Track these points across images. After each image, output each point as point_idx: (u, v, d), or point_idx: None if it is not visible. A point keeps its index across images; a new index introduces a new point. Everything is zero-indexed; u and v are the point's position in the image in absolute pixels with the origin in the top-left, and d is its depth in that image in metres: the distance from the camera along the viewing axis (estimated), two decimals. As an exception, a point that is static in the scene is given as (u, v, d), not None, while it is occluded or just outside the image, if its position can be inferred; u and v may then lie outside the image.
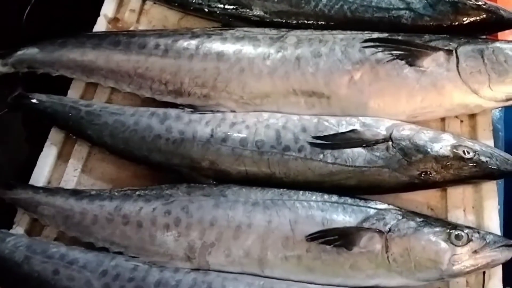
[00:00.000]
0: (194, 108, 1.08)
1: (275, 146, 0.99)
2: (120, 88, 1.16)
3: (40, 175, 1.13)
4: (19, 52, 1.21)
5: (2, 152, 1.18)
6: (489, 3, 1.07)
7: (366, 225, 0.89)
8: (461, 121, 1.04)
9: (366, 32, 1.05)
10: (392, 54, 1.00)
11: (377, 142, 0.95)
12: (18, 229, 1.08)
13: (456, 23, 1.06)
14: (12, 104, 1.20)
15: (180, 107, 1.09)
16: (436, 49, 1.00)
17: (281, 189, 0.96)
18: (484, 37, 1.08)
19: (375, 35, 1.04)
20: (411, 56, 0.99)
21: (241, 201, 0.95)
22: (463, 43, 1.00)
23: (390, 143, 0.95)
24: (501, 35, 1.12)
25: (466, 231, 0.88)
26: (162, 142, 1.05)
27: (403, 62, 0.99)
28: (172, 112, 1.09)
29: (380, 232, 0.88)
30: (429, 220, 0.91)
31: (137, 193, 1.02)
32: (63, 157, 1.15)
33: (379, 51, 1.00)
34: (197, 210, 0.96)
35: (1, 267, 1.01)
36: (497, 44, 1.02)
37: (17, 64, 1.21)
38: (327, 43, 1.04)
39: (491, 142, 1.00)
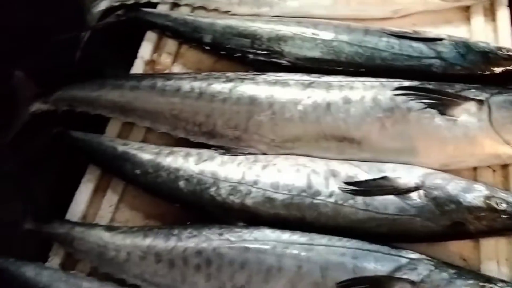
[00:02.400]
0: (227, 150, 1.11)
1: (305, 190, 1.00)
2: (155, 128, 1.20)
3: (76, 210, 1.16)
4: (60, 91, 1.27)
5: (40, 187, 1.22)
6: (521, 53, 1.09)
7: (398, 274, 0.88)
8: (494, 171, 1.03)
9: (396, 80, 1.07)
10: (423, 102, 1.01)
11: (409, 190, 0.96)
12: (53, 263, 1.12)
13: (487, 72, 1.08)
14: (51, 141, 1.25)
15: (213, 148, 1.13)
16: (467, 99, 1.00)
17: (312, 234, 0.97)
18: (516, 87, 1.09)
19: (406, 83, 1.05)
20: (442, 105, 1.00)
21: (271, 244, 0.96)
22: (495, 94, 1.01)
23: (422, 192, 0.95)
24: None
25: (499, 284, 0.86)
26: (194, 182, 1.08)
27: (434, 111, 1.00)
28: (205, 153, 1.12)
29: (412, 282, 0.87)
30: (462, 272, 0.89)
31: (170, 231, 1.04)
32: (99, 193, 1.19)
33: (410, 99, 1.02)
34: (228, 252, 0.97)
35: (36, 301, 1.04)
36: (529, 95, 1.02)
37: (57, 102, 1.27)
38: (357, 90, 1.06)
39: (524, 193, 1.00)
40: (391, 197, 0.96)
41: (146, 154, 1.14)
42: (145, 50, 1.32)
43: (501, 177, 1.03)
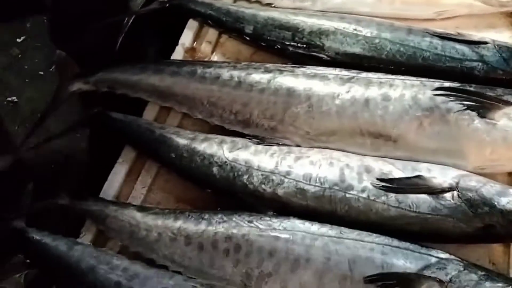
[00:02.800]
0: (261, 139, 1.13)
1: (338, 184, 1.01)
2: (192, 114, 1.22)
3: (110, 189, 1.19)
4: (101, 73, 1.29)
5: (76, 165, 1.25)
6: None
7: (426, 273, 0.88)
8: (529, 178, 1.03)
9: (437, 80, 1.07)
10: (463, 104, 1.00)
11: (443, 190, 0.95)
12: (85, 239, 1.14)
13: (529, 79, 1.07)
14: (90, 120, 1.29)
15: (248, 137, 1.14)
16: (508, 103, 1.00)
17: (342, 227, 0.97)
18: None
19: (447, 84, 1.05)
20: (482, 107, 0.99)
21: (301, 235, 0.97)
22: (536, 99, 1.00)
23: (456, 193, 0.95)
24: None
25: (529, 289, 0.86)
26: (227, 169, 1.09)
27: (474, 113, 1.00)
28: (240, 141, 1.13)
29: (440, 281, 0.87)
30: (491, 274, 0.89)
31: (201, 215, 1.06)
32: (132, 174, 1.21)
33: (450, 100, 1.01)
34: (257, 239, 0.99)
35: (67, 274, 1.07)
36: None
37: (98, 84, 1.29)
38: (397, 88, 1.06)
39: (559, 201, 0.98)
40: (424, 196, 0.96)
41: (182, 138, 1.16)
42: (186, 37, 1.34)
43: (536, 184, 1.02)
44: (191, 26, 1.37)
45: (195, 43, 1.35)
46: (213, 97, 1.18)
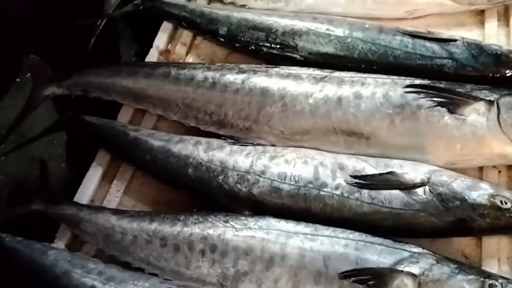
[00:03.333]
0: (236, 140, 1.13)
1: (312, 182, 1.02)
2: (167, 116, 1.22)
3: (85, 193, 1.18)
4: (75, 76, 1.28)
5: (49, 170, 1.23)
6: (532, 58, 1.09)
7: (399, 267, 0.89)
8: (499, 172, 1.04)
9: (408, 78, 1.08)
10: (433, 100, 1.02)
11: (414, 186, 0.96)
12: (60, 244, 1.13)
13: (498, 75, 1.09)
14: (63, 124, 1.28)
15: (223, 137, 1.14)
16: (477, 99, 1.01)
17: (316, 225, 0.98)
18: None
19: (418, 81, 1.06)
20: (452, 104, 1.01)
21: (276, 233, 0.97)
22: (504, 95, 1.01)
23: (428, 188, 0.96)
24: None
25: (500, 281, 0.87)
26: (203, 170, 1.09)
27: (444, 109, 1.01)
28: (215, 142, 1.13)
29: (413, 275, 0.88)
30: (463, 267, 0.90)
31: (176, 217, 1.05)
32: (107, 178, 1.21)
33: (420, 97, 1.03)
34: (233, 239, 0.98)
35: (41, 279, 1.06)
36: (538, 98, 1.03)
37: (72, 87, 1.28)
38: (369, 86, 1.07)
39: (528, 194, 1.00)
40: (396, 192, 0.97)
41: (157, 140, 1.16)
42: (161, 39, 1.35)
43: (506, 178, 1.04)
44: (165, 28, 1.37)
45: (170, 45, 1.35)
46: (188, 99, 1.18)
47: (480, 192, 0.95)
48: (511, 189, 1.01)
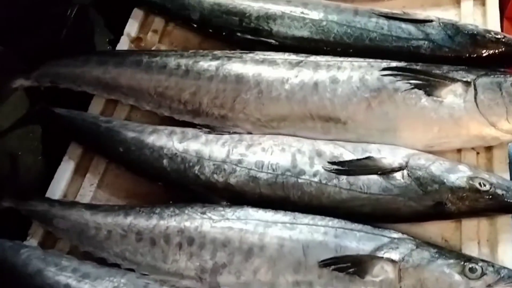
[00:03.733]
0: (212, 129, 1.10)
1: (290, 170, 1.00)
2: (139, 106, 1.18)
3: (57, 188, 1.15)
4: (43, 67, 1.24)
5: (20, 165, 1.19)
6: (508, 37, 1.08)
7: (379, 253, 0.88)
8: (478, 153, 1.03)
9: (384, 60, 1.06)
10: (410, 83, 1.00)
11: (393, 170, 0.95)
12: (32, 241, 1.10)
13: (475, 55, 1.07)
14: (33, 117, 1.23)
15: (198, 127, 1.11)
16: (454, 80, 1.00)
17: (295, 213, 0.96)
18: (503, 70, 1.08)
19: (394, 63, 1.04)
20: (429, 86, 0.99)
21: (254, 223, 0.95)
22: (481, 75, 1.00)
23: (406, 172, 0.95)
24: (519, 68, 1.12)
25: (480, 264, 0.86)
26: (178, 161, 1.06)
27: (421, 91, 0.99)
28: (190, 131, 1.10)
29: (393, 261, 0.87)
30: (443, 251, 0.90)
31: (152, 210, 1.02)
32: (80, 171, 1.17)
33: (397, 80, 1.01)
34: (210, 231, 0.96)
35: (14, 278, 1.03)
36: (516, 78, 1.02)
37: (40, 79, 1.24)
38: (345, 70, 1.05)
39: (507, 175, 0.99)
40: (375, 177, 0.95)
41: (130, 131, 1.12)
42: (131, 27, 1.30)
43: (485, 159, 1.03)
44: (136, 15, 1.32)
45: (141, 32, 1.31)
46: (161, 87, 1.14)
47: (458, 175, 0.94)
48: (490, 170, 1.00)
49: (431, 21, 1.11)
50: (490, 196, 0.92)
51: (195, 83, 1.12)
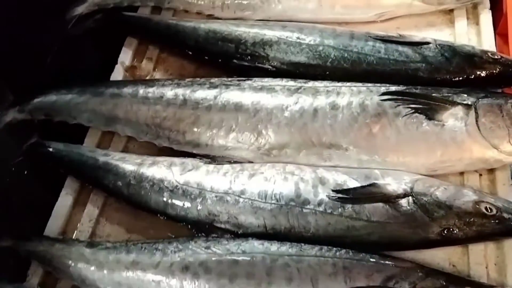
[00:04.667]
0: (212, 158, 1.08)
1: (294, 199, 0.98)
2: (137, 137, 1.16)
3: (55, 225, 1.12)
4: (37, 100, 1.22)
5: (17, 201, 1.16)
6: (505, 57, 1.08)
7: (390, 284, 0.87)
8: (480, 175, 1.03)
9: (383, 85, 1.06)
10: (410, 107, 1.00)
11: (398, 197, 0.94)
12: (32, 282, 1.07)
13: (473, 76, 1.08)
14: (28, 152, 1.20)
15: (198, 157, 1.09)
16: (455, 103, 1.00)
17: (301, 244, 0.95)
18: (501, 90, 1.09)
19: (393, 88, 1.04)
20: (429, 110, 0.99)
21: (260, 257, 0.94)
22: (481, 98, 1.00)
23: (411, 198, 0.94)
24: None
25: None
26: (179, 193, 1.04)
27: (422, 115, 0.99)
28: (190, 162, 1.08)
29: (403, 293, 0.86)
30: (453, 279, 0.89)
31: (154, 246, 1.00)
32: (78, 206, 1.15)
33: (397, 105, 1.01)
34: (216, 266, 0.94)
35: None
36: (516, 99, 1.02)
37: (34, 112, 1.22)
38: (344, 96, 1.04)
39: (510, 197, 0.99)
40: (380, 204, 0.94)
41: (128, 164, 1.10)
42: (125, 55, 1.29)
43: (488, 181, 1.03)
44: (130, 43, 1.31)
45: (135, 60, 1.30)
46: (158, 118, 1.12)
47: (464, 200, 0.93)
48: (493, 192, 1.00)
49: (428, 43, 1.11)
50: (497, 221, 0.92)
51: (193, 113, 1.10)
